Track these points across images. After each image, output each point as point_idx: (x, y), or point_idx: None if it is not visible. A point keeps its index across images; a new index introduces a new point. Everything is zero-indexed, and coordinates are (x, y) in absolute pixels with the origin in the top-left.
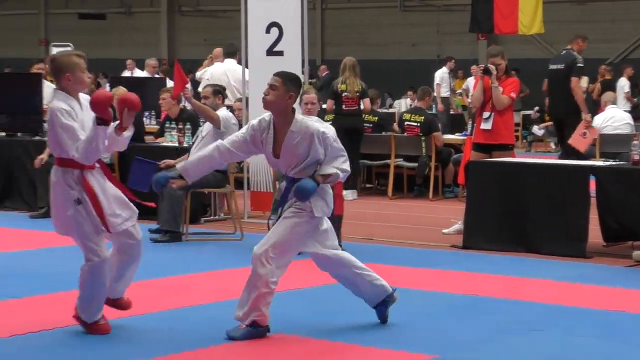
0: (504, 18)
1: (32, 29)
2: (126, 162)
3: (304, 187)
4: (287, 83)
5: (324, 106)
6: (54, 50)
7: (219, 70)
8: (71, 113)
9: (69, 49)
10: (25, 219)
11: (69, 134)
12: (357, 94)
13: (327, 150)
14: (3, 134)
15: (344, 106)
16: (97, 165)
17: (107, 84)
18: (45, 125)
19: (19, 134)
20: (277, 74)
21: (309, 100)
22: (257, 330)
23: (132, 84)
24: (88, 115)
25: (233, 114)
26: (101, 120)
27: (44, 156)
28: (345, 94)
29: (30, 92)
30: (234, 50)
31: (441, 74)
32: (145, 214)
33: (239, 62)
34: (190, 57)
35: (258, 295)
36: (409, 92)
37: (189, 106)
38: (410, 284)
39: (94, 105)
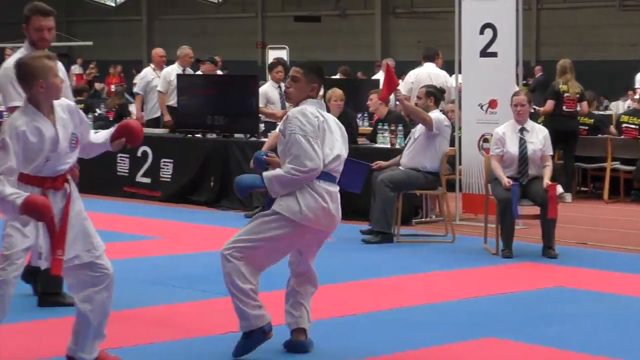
0: None
1: (250, 32)
2: None
3: (237, 180)
4: (309, 74)
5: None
6: (272, 53)
7: (424, 74)
8: (21, 136)
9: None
10: (241, 219)
11: (2, 153)
12: (577, 95)
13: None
14: (220, 135)
15: (564, 107)
16: (67, 185)
17: (321, 87)
18: (262, 126)
19: (235, 135)
20: (298, 65)
21: (519, 102)
22: (249, 341)
23: (346, 85)
24: (63, 133)
25: (446, 115)
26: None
27: None
28: (567, 94)
29: (247, 93)
30: (433, 54)
31: None
32: (356, 214)
33: (440, 65)
34: (404, 58)
35: (232, 299)
36: (629, 93)
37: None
38: (626, 291)
39: (129, 131)
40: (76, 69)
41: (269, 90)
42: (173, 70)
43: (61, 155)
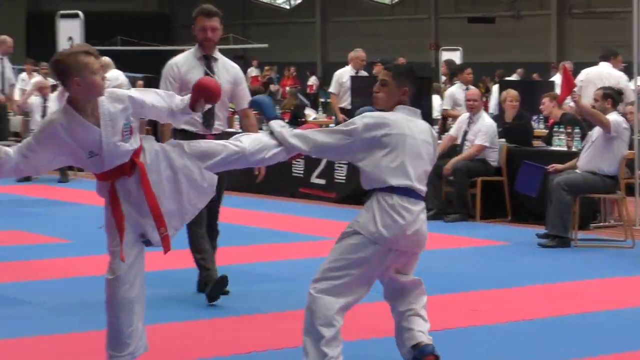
0: None
1: (423, 34)
2: (513, 166)
3: (261, 98)
4: (398, 77)
5: None
6: (445, 55)
7: (595, 73)
8: (54, 134)
9: (360, 52)
10: None
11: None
12: None
13: None
14: None
15: None
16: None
17: (496, 88)
18: (435, 128)
19: None
20: (386, 68)
21: None
22: None
23: (522, 87)
24: (110, 130)
25: (624, 117)
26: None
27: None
28: None
29: (420, 94)
30: (609, 54)
31: None
32: (532, 218)
33: (619, 66)
34: (580, 60)
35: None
36: None
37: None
38: None
39: (204, 88)
40: (252, 71)
41: (456, 92)
42: (345, 72)
43: (114, 150)
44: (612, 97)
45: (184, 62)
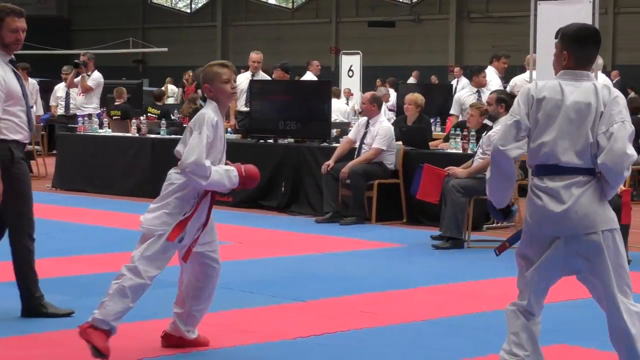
0: None
1: (324, 38)
2: (410, 168)
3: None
4: (561, 40)
5: None
6: (345, 59)
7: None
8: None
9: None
10: (312, 224)
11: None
12: None
13: None
14: (292, 140)
15: None
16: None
17: (391, 91)
18: (333, 132)
19: (307, 141)
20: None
21: None
22: None
23: (421, 89)
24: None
25: None
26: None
27: (330, 162)
28: None
29: (320, 99)
30: (492, 58)
31: None
32: (427, 220)
33: (500, 69)
34: (478, 63)
35: None
36: None
37: None
38: None
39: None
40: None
41: (464, 95)
42: (242, 76)
43: None
44: (505, 101)
45: None
